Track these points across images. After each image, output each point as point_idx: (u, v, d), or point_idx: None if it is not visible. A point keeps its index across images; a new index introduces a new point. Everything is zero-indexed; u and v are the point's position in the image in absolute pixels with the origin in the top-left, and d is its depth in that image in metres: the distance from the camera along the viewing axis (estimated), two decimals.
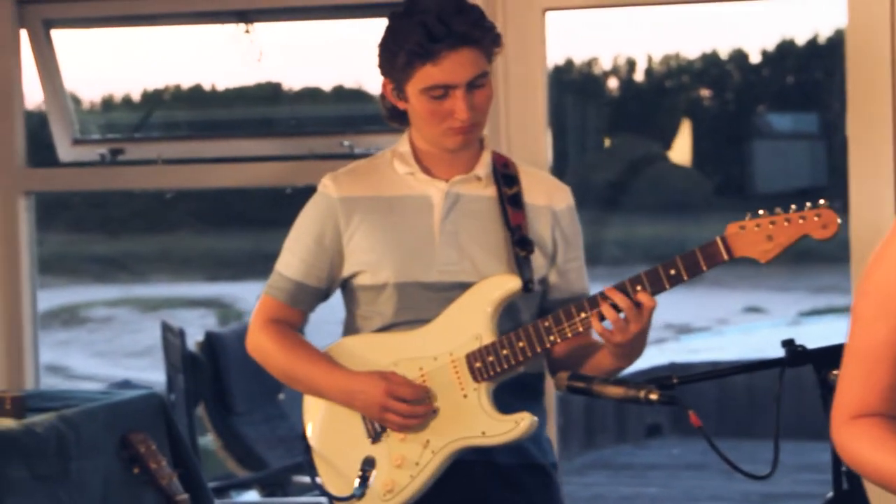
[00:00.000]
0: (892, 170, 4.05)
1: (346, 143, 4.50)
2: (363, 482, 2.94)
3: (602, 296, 2.87)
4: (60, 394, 4.06)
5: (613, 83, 16.95)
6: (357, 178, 3.05)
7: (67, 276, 15.81)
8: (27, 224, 4.72)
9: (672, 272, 2.83)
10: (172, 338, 6.62)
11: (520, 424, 2.91)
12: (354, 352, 3.03)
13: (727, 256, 2.81)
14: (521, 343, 2.91)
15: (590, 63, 16.34)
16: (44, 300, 4.83)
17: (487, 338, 2.93)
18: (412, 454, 2.96)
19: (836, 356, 2.60)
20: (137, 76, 6.16)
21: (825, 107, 14.38)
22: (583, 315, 2.88)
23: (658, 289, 2.84)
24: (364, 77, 5.41)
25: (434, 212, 3.00)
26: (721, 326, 14.36)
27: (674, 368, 9.61)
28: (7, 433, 3.49)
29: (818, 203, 2.76)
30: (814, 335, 2.90)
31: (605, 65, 16.72)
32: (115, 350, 14.75)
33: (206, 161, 4.67)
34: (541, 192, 3.05)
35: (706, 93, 17.21)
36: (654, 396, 2.71)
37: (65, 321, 15.39)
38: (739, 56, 16.46)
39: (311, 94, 5.99)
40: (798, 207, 2.78)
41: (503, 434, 2.92)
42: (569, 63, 15.54)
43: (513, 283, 2.95)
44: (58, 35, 4.71)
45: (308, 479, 3.12)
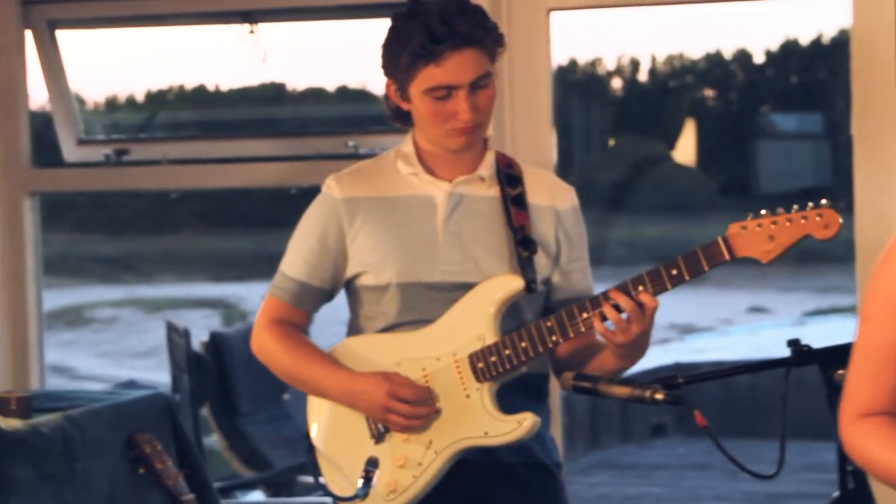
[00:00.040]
0: None
1: (351, 144, 4.50)
2: (366, 482, 2.94)
3: (604, 296, 2.86)
4: (66, 394, 4.06)
5: (617, 83, 16.95)
6: (361, 179, 3.05)
7: (72, 277, 15.81)
8: (32, 224, 4.72)
9: (674, 272, 2.83)
10: (178, 338, 6.62)
11: (522, 424, 2.91)
12: (358, 352, 3.03)
13: (729, 256, 2.80)
14: (524, 343, 2.91)
15: (593, 63, 16.35)
16: (48, 301, 4.83)
17: (490, 338, 2.93)
18: (415, 454, 2.96)
19: (842, 356, 2.60)
20: (141, 77, 6.16)
21: (829, 107, 14.38)
22: (585, 315, 2.87)
23: (660, 289, 2.84)
24: (368, 77, 5.41)
25: (437, 212, 3.00)
26: (725, 326, 14.35)
27: (678, 368, 9.60)
28: (13, 433, 3.49)
29: (820, 203, 2.76)
30: (818, 335, 2.89)
31: (609, 65, 16.74)
32: (120, 350, 14.75)
33: (211, 161, 4.67)
34: (544, 193, 3.05)
35: (710, 93, 17.22)
36: (660, 396, 2.71)
37: (69, 321, 15.39)
38: (743, 56, 16.47)
39: (315, 95, 5.99)
40: (800, 207, 2.77)
41: (506, 434, 2.92)
42: (572, 63, 15.55)
43: (515, 284, 2.94)
44: (62, 35, 4.71)
45: (313, 480, 3.12)
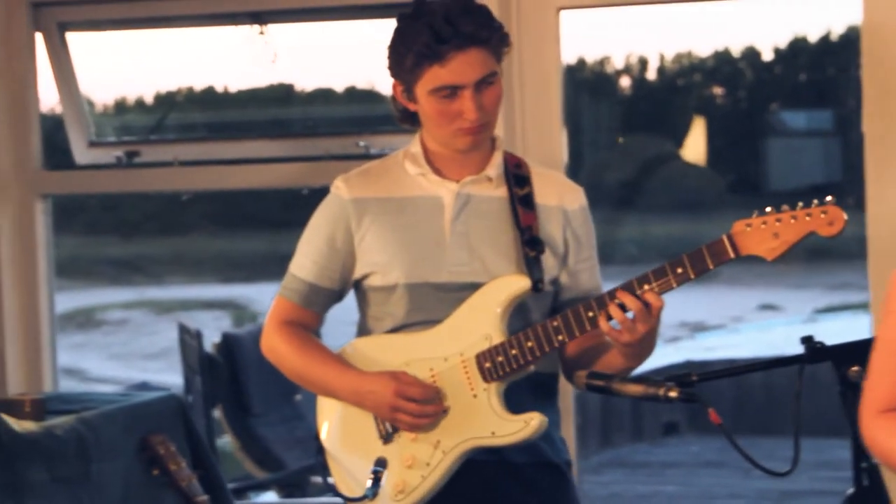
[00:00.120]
0: None
1: (363, 144, 4.51)
2: (375, 483, 2.94)
3: (610, 295, 2.86)
4: (79, 396, 4.07)
5: (626, 82, 16.93)
6: (369, 179, 3.05)
7: (82, 279, 15.82)
8: (44, 227, 4.72)
9: (679, 270, 2.82)
10: (190, 339, 6.63)
11: (529, 424, 2.91)
12: (366, 353, 3.03)
13: (733, 254, 2.79)
14: (530, 343, 2.91)
15: (602, 62, 16.33)
16: (59, 303, 4.83)
17: (497, 338, 2.93)
18: (423, 455, 2.96)
19: (856, 353, 2.61)
20: (150, 78, 6.17)
21: (839, 103, 14.35)
22: (590, 314, 2.87)
23: (665, 287, 2.83)
24: (376, 78, 5.41)
25: (445, 212, 3.00)
26: (736, 324, 14.33)
27: (690, 366, 9.59)
28: (27, 436, 3.50)
29: (825, 200, 2.75)
30: (830, 332, 2.89)
31: (618, 63, 16.71)
32: (131, 352, 14.77)
33: (223, 163, 4.67)
34: (552, 193, 3.05)
35: (719, 91, 17.19)
36: (674, 394, 2.71)
37: (80, 324, 15.41)
38: (752, 54, 16.44)
39: (324, 95, 5.99)
40: (805, 204, 2.76)
41: (513, 434, 2.92)
42: (581, 62, 15.53)
43: (522, 284, 2.94)
44: (72, 38, 4.71)
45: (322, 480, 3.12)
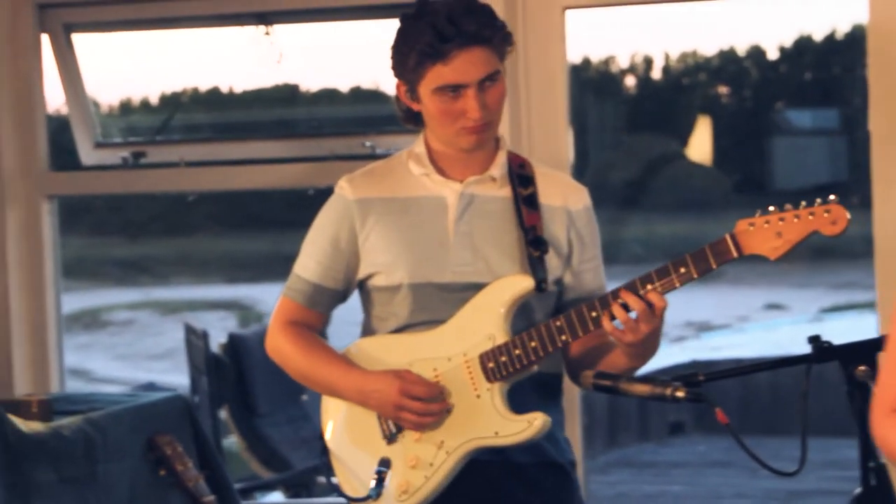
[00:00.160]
0: None
1: (368, 144, 4.51)
2: (378, 483, 2.94)
3: (613, 295, 2.86)
4: (86, 397, 4.08)
5: (631, 81, 16.94)
6: (373, 180, 3.05)
7: (88, 280, 15.83)
8: (50, 228, 4.72)
9: (682, 270, 2.81)
10: (196, 340, 6.63)
11: (532, 424, 2.91)
12: (370, 353, 3.03)
13: (736, 254, 2.79)
14: (534, 343, 2.90)
15: (607, 61, 16.33)
16: (65, 304, 4.83)
17: (500, 338, 2.93)
18: (426, 455, 2.96)
19: (863, 352, 2.61)
20: (156, 79, 6.17)
21: (845, 102, 14.34)
22: (594, 314, 2.87)
23: (668, 286, 2.83)
24: (381, 78, 5.40)
25: (448, 213, 3.00)
26: (742, 324, 14.32)
27: (696, 366, 9.59)
28: (34, 436, 3.50)
29: (828, 199, 2.74)
30: (835, 331, 2.88)
31: (623, 63, 16.71)
32: (137, 353, 14.78)
33: (228, 163, 4.67)
34: (556, 193, 3.04)
35: (724, 90, 17.19)
36: (681, 394, 2.71)
37: (86, 324, 15.42)
38: (757, 53, 16.43)
39: (329, 96, 5.98)
40: (808, 203, 2.76)
41: (516, 434, 2.91)
42: (586, 61, 15.53)
43: (525, 284, 2.94)
44: (77, 39, 4.72)
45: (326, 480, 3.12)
